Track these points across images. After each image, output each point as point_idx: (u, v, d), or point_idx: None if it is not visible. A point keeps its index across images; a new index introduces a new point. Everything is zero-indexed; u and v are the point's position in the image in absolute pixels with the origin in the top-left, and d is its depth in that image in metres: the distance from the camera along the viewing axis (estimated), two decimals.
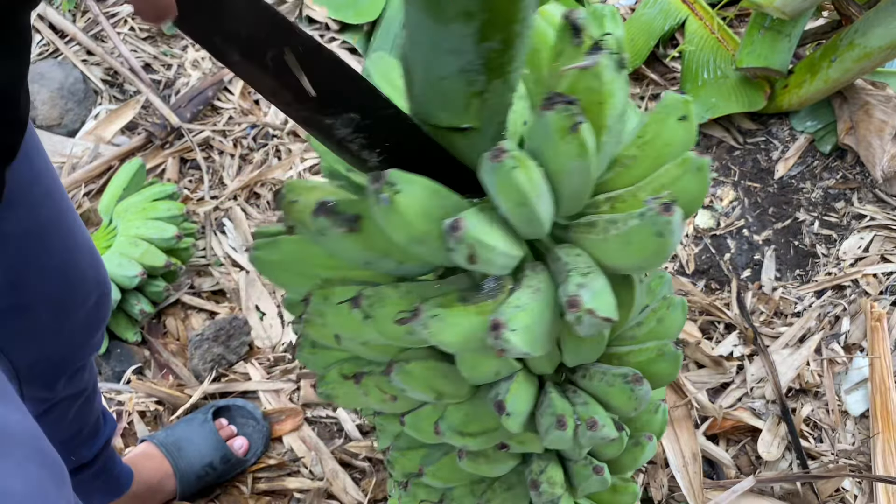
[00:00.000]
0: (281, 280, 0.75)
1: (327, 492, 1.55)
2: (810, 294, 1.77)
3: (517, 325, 0.60)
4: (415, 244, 0.62)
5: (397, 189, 0.58)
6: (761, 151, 2.06)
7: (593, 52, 0.59)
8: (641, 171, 0.70)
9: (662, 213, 0.58)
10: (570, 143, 0.58)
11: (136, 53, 2.23)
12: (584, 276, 0.62)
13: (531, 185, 0.59)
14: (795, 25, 1.94)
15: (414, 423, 0.83)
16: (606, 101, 0.60)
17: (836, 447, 1.56)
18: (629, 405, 0.78)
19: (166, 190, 1.82)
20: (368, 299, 0.67)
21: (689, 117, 0.70)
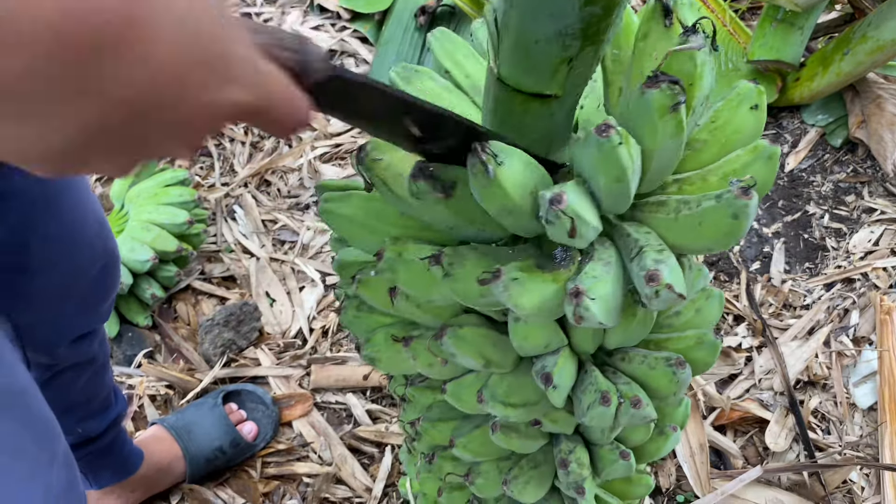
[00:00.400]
0: (349, 233, 0.76)
1: (336, 477, 1.56)
2: (819, 287, 1.78)
3: (596, 294, 0.60)
4: (504, 214, 0.62)
5: (500, 160, 0.59)
6: None
7: (690, 33, 0.59)
8: (710, 155, 0.71)
9: (741, 195, 0.58)
10: (669, 122, 0.58)
11: None
12: (659, 252, 0.63)
13: (631, 162, 0.59)
14: (808, 18, 1.93)
15: (455, 392, 0.84)
16: (697, 83, 0.61)
17: (843, 439, 1.56)
18: (670, 388, 0.78)
19: (178, 176, 1.82)
20: (449, 257, 0.68)
21: (761, 106, 0.70)
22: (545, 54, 0.57)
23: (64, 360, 1.16)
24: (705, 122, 0.72)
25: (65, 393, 1.21)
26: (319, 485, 1.55)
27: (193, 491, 1.55)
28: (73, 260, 1.03)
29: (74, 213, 1.01)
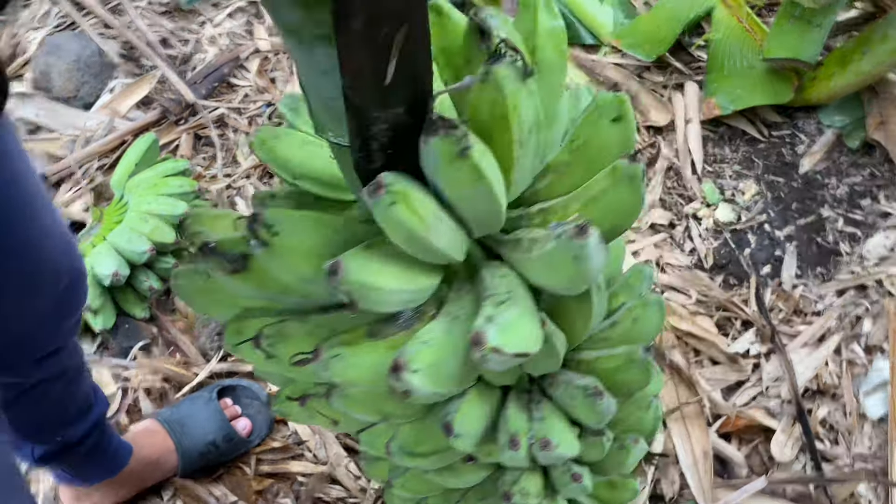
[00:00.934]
0: (202, 308, 0.71)
1: (330, 476, 1.53)
2: (831, 293, 1.73)
3: (420, 365, 0.56)
4: (306, 284, 0.58)
5: (276, 230, 0.55)
6: (786, 145, 2.00)
7: (492, 60, 0.54)
8: (576, 178, 0.65)
9: (575, 236, 0.54)
10: (461, 170, 0.53)
11: (153, 28, 2.21)
12: (497, 305, 0.57)
13: (416, 219, 0.54)
14: (827, 16, 1.88)
15: (369, 441, 0.80)
16: (510, 114, 0.55)
17: (852, 451, 1.52)
18: (592, 418, 0.74)
19: (178, 166, 1.80)
20: (269, 339, 0.63)
21: (623, 117, 0.64)
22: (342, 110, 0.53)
23: (31, 378, 1.12)
24: (566, 142, 0.66)
25: (37, 408, 1.18)
26: (314, 484, 1.52)
27: (186, 487, 1.53)
28: (33, 278, 0.99)
29: (33, 228, 0.96)
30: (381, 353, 0.61)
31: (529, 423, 0.75)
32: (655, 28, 2.14)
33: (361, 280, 0.55)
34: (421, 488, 0.93)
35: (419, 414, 0.77)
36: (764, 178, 1.95)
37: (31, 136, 2.02)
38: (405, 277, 0.59)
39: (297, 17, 0.47)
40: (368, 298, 0.56)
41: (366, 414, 0.73)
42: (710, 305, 1.71)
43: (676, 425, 1.56)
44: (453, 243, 0.60)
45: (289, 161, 0.76)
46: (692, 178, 1.96)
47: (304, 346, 0.64)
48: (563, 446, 0.74)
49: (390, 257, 0.58)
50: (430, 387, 0.57)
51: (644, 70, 2.16)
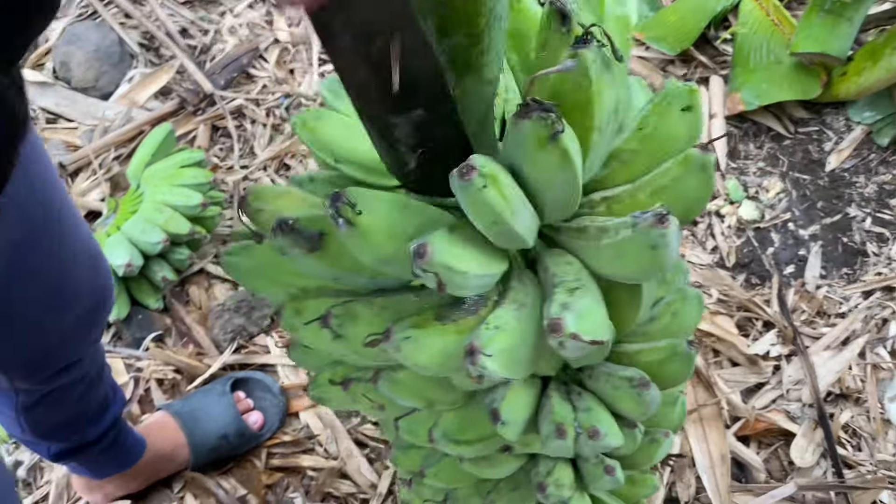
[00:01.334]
0: (256, 287, 0.71)
1: (341, 471, 1.52)
2: (857, 294, 1.68)
3: (494, 349, 0.55)
4: (382, 265, 0.57)
5: (359, 209, 0.54)
6: (813, 142, 1.95)
7: (578, 45, 0.53)
8: (641, 167, 0.64)
9: (656, 224, 0.52)
10: (551, 154, 0.52)
11: (173, 17, 2.21)
12: (570, 292, 0.57)
13: (505, 203, 0.54)
14: (858, 9, 1.82)
15: (409, 428, 0.79)
16: (594, 100, 0.55)
17: (875, 457, 1.48)
18: (637, 410, 0.72)
19: (194, 157, 1.79)
20: (338, 318, 0.62)
21: (693, 108, 0.63)
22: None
23: (52, 384, 1.12)
24: (632, 129, 0.65)
25: (55, 411, 1.17)
26: (324, 479, 1.51)
27: (195, 479, 1.53)
28: (58, 298, 0.99)
29: (62, 251, 0.96)
30: (450, 336, 0.61)
31: (574, 413, 0.74)
32: (680, 21, 2.09)
33: (447, 263, 0.54)
34: (454, 478, 0.92)
35: (462, 401, 0.77)
36: (789, 175, 1.91)
37: (50, 125, 2.03)
38: (483, 262, 0.59)
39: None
40: (453, 282, 0.55)
41: (411, 400, 0.73)
42: (730, 305, 1.68)
43: (694, 427, 1.52)
44: (530, 228, 0.59)
45: (331, 143, 0.74)
46: (716, 175, 1.91)
47: (373, 327, 0.63)
48: (611, 436, 0.73)
49: (470, 241, 0.58)
50: (503, 371, 0.57)
51: (668, 63, 2.11)
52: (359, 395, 0.75)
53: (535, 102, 0.51)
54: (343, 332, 0.62)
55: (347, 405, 0.80)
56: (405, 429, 0.79)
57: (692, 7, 2.11)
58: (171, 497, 1.52)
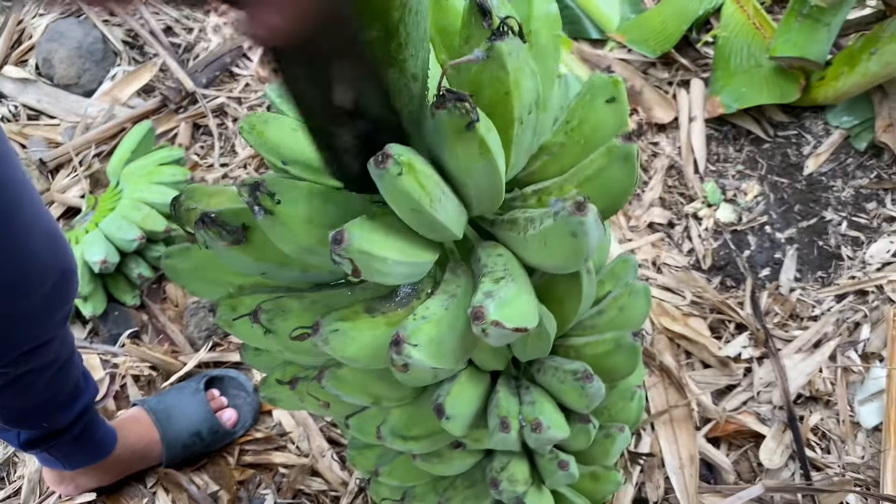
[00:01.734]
0: (194, 288, 0.71)
1: (312, 469, 1.53)
2: (830, 298, 1.69)
3: (421, 339, 0.56)
4: (306, 255, 0.58)
5: (278, 199, 0.54)
6: (792, 145, 1.96)
7: (494, 37, 0.54)
8: (570, 159, 0.65)
9: (575, 212, 0.53)
10: (468, 144, 0.53)
11: (157, 16, 2.22)
12: (496, 281, 0.58)
13: (422, 190, 0.54)
14: (836, 14, 1.83)
15: (359, 426, 0.80)
16: (513, 91, 0.56)
17: (843, 459, 1.48)
18: (581, 402, 0.73)
19: (173, 155, 1.80)
20: (268, 313, 0.63)
21: (618, 99, 0.65)
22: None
23: (21, 367, 1.12)
24: (560, 123, 0.66)
25: (24, 396, 1.17)
26: (295, 476, 1.52)
27: (168, 475, 1.53)
28: (19, 278, 0.99)
29: (21, 230, 0.96)
30: (380, 328, 0.61)
31: (520, 407, 0.75)
32: (662, 23, 2.10)
33: (365, 249, 0.54)
34: (408, 476, 0.92)
35: (410, 397, 0.77)
36: (767, 178, 1.91)
37: (32, 121, 2.03)
38: (406, 250, 0.59)
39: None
40: (371, 268, 0.56)
41: (357, 397, 0.73)
42: (704, 307, 1.68)
43: (664, 428, 1.53)
44: (454, 219, 0.60)
45: (278, 146, 0.75)
46: (694, 177, 1.92)
47: (302, 321, 0.64)
48: (555, 428, 0.74)
49: (392, 230, 0.58)
50: (430, 361, 0.57)
51: (650, 66, 2.12)
52: (305, 393, 0.76)
53: (450, 93, 0.51)
54: (273, 327, 0.63)
55: (296, 405, 0.80)
56: (355, 426, 0.80)
57: (675, 10, 2.12)
58: (143, 492, 1.53)
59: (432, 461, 0.85)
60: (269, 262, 0.62)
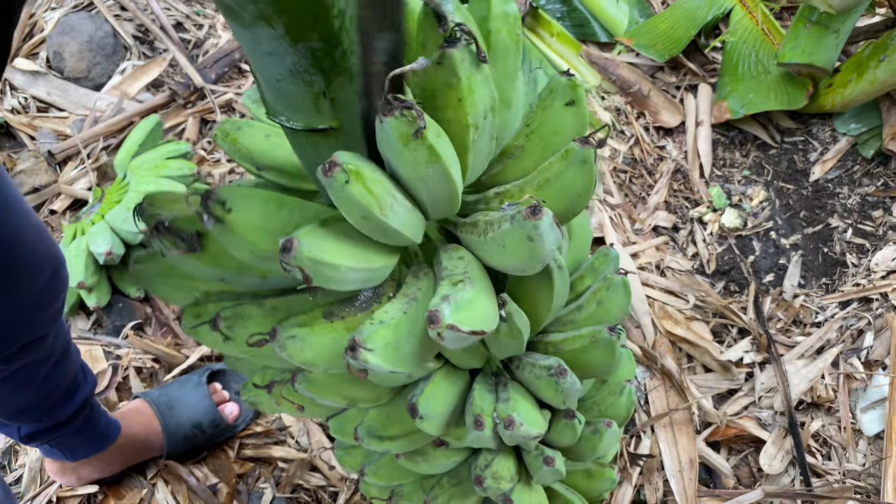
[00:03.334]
0: (163, 294, 0.71)
1: (311, 464, 1.53)
2: (834, 304, 1.68)
3: (377, 344, 0.56)
4: (262, 262, 0.58)
5: (230, 206, 0.54)
6: (799, 152, 1.96)
7: (446, 44, 0.54)
8: (531, 161, 0.66)
9: (530, 216, 0.54)
10: (417, 150, 0.53)
11: (168, 11, 2.23)
12: (454, 285, 0.58)
13: (371, 197, 0.54)
14: (845, 22, 1.83)
15: (338, 427, 0.80)
16: (466, 97, 0.55)
17: (843, 466, 1.48)
18: (557, 398, 0.73)
19: (180, 149, 1.80)
20: (227, 320, 0.63)
21: (577, 101, 0.65)
22: (293, 92, 0.53)
23: (17, 363, 1.12)
24: (520, 126, 0.66)
25: (21, 390, 1.18)
26: (294, 470, 1.52)
27: (169, 467, 1.54)
28: (17, 267, 0.99)
29: (9, 218, 0.95)
30: (338, 333, 0.61)
31: (494, 404, 0.75)
32: (670, 28, 2.10)
33: (315, 256, 0.54)
34: (393, 476, 0.92)
35: (386, 397, 0.77)
36: (773, 184, 1.91)
37: (42, 114, 2.04)
38: (361, 256, 0.58)
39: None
40: (322, 275, 0.55)
41: (331, 399, 0.73)
42: (707, 311, 1.68)
43: (664, 431, 1.53)
44: (409, 224, 0.59)
45: (252, 152, 0.76)
46: (700, 182, 1.92)
47: (261, 327, 0.64)
48: (528, 424, 0.74)
49: (346, 236, 0.58)
50: (387, 365, 0.57)
51: (658, 70, 2.12)
52: (280, 397, 0.76)
53: (396, 100, 0.51)
54: (232, 334, 0.63)
55: (275, 409, 0.80)
56: (334, 428, 0.80)
57: (683, 15, 2.12)
58: (143, 483, 1.53)
59: (416, 460, 0.85)
60: (226, 269, 0.62)
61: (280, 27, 0.46)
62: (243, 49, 0.53)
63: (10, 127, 2.01)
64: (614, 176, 1.92)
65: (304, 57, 0.49)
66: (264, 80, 0.54)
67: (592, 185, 0.64)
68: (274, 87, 0.54)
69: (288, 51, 0.48)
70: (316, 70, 0.50)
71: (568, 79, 0.65)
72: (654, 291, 1.71)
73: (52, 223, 1.87)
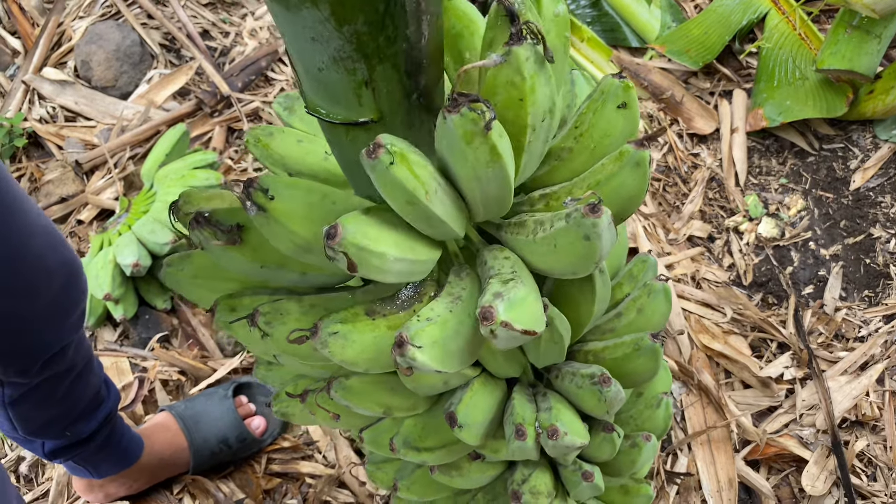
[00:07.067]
0: (195, 296, 0.70)
1: (339, 479, 1.50)
2: (878, 318, 1.63)
3: (424, 341, 0.54)
4: (302, 253, 0.55)
5: (272, 194, 0.52)
6: (838, 159, 1.90)
7: (511, 41, 0.52)
8: (579, 164, 0.64)
9: (588, 214, 0.52)
10: (480, 149, 0.51)
11: (194, 19, 2.22)
12: (504, 283, 0.55)
13: (416, 181, 0.52)
14: (887, 26, 1.77)
15: (373, 438, 0.77)
16: (528, 97, 0.54)
17: (890, 488, 1.42)
18: (600, 408, 0.71)
19: (207, 159, 1.79)
20: (266, 315, 0.61)
21: (629, 104, 0.63)
22: (336, 82, 0.51)
23: (39, 377, 1.10)
24: (569, 127, 0.64)
25: (44, 405, 1.15)
26: (322, 486, 1.50)
27: (195, 482, 1.52)
28: (27, 279, 0.96)
29: (17, 229, 0.93)
30: (381, 331, 0.59)
31: (536, 414, 0.73)
32: (703, 34, 2.05)
33: (360, 243, 0.52)
34: (427, 491, 0.90)
35: (423, 406, 0.75)
36: (812, 192, 1.86)
37: (69, 123, 2.04)
38: (405, 246, 0.57)
39: None
40: (367, 263, 0.53)
41: (367, 407, 0.71)
42: (745, 325, 1.63)
43: (702, 449, 1.48)
44: (453, 214, 0.57)
45: (284, 158, 0.74)
46: (735, 190, 1.87)
47: (301, 323, 0.62)
48: (572, 434, 0.71)
49: (390, 225, 0.56)
50: (434, 363, 0.55)
51: (691, 75, 2.08)
52: (315, 405, 0.73)
53: (463, 96, 0.49)
54: (270, 330, 0.61)
55: (308, 419, 0.78)
56: (369, 439, 0.77)
57: (716, 19, 2.08)
58: (169, 499, 1.52)
59: (451, 474, 0.82)
60: (266, 263, 0.60)
61: (326, 8, 0.45)
62: (285, 38, 0.52)
63: (38, 137, 2.01)
64: (647, 184, 1.87)
65: (348, 41, 0.47)
66: (305, 71, 0.53)
67: (645, 188, 0.63)
68: (315, 77, 0.52)
69: (333, 34, 0.47)
70: (360, 56, 0.48)
71: (620, 80, 0.63)
72: (689, 304, 1.66)
73: (79, 233, 1.86)
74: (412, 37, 0.49)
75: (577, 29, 2.10)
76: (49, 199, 1.89)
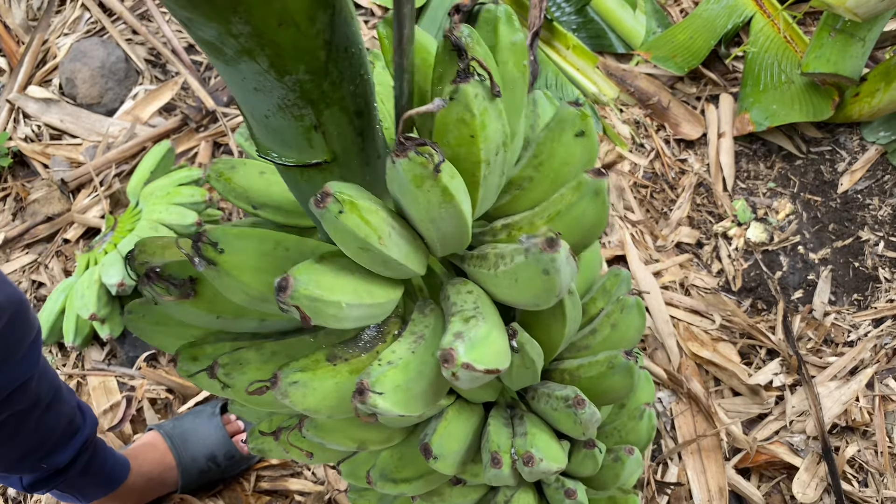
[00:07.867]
0: (158, 342, 0.69)
1: (329, 497, 1.49)
2: (867, 322, 1.62)
3: (386, 387, 0.53)
4: (259, 304, 0.54)
5: (222, 247, 0.52)
6: (826, 162, 1.90)
7: (458, 79, 0.51)
8: (540, 192, 0.63)
9: (546, 249, 0.51)
10: (431, 192, 0.51)
11: (179, 34, 2.21)
12: (466, 321, 0.54)
13: (369, 228, 0.51)
14: (871, 29, 1.77)
15: (350, 471, 0.77)
16: (479, 133, 0.53)
17: (882, 494, 1.42)
18: (576, 430, 0.70)
19: (192, 175, 1.78)
20: (225, 367, 0.60)
21: (587, 132, 0.62)
22: (283, 127, 0.50)
23: (4, 412, 1.07)
24: (529, 155, 0.63)
25: (14, 440, 1.13)
26: (311, 503, 1.49)
27: (184, 501, 1.51)
28: None
29: None
30: (342, 377, 0.58)
31: (512, 440, 0.72)
32: (689, 39, 2.05)
33: (313, 294, 0.51)
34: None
35: (398, 438, 0.74)
36: (800, 196, 1.85)
37: (55, 141, 2.03)
38: (362, 291, 0.56)
39: (214, 32, 0.44)
40: (321, 314, 0.52)
41: (340, 443, 0.70)
42: (734, 332, 1.63)
43: (692, 458, 1.48)
44: (410, 255, 0.57)
45: (247, 191, 0.73)
46: (723, 195, 1.87)
47: (261, 374, 0.61)
48: (548, 459, 0.71)
49: (345, 270, 0.55)
50: (397, 409, 0.54)
51: (677, 80, 2.07)
52: (287, 444, 0.73)
53: (409, 139, 0.49)
54: (230, 382, 0.60)
55: (283, 455, 0.77)
56: (346, 472, 0.77)
57: (702, 24, 2.07)
58: None
59: (433, 500, 0.82)
60: (222, 313, 0.60)
61: (264, 61, 0.44)
62: (228, 87, 0.51)
63: (23, 156, 2.00)
64: (634, 191, 1.87)
65: (291, 90, 0.46)
66: (252, 118, 0.52)
67: (605, 217, 0.62)
68: (263, 123, 0.51)
69: (275, 85, 0.46)
70: (305, 103, 0.47)
71: (577, 109, 0.62)
72: (678, 311, 1.65)
73: (65, 252, 1.86)
74: (359, 79, 0.49)
75: (563, 36, 2.09)
76: (35, 218, 1.88)
